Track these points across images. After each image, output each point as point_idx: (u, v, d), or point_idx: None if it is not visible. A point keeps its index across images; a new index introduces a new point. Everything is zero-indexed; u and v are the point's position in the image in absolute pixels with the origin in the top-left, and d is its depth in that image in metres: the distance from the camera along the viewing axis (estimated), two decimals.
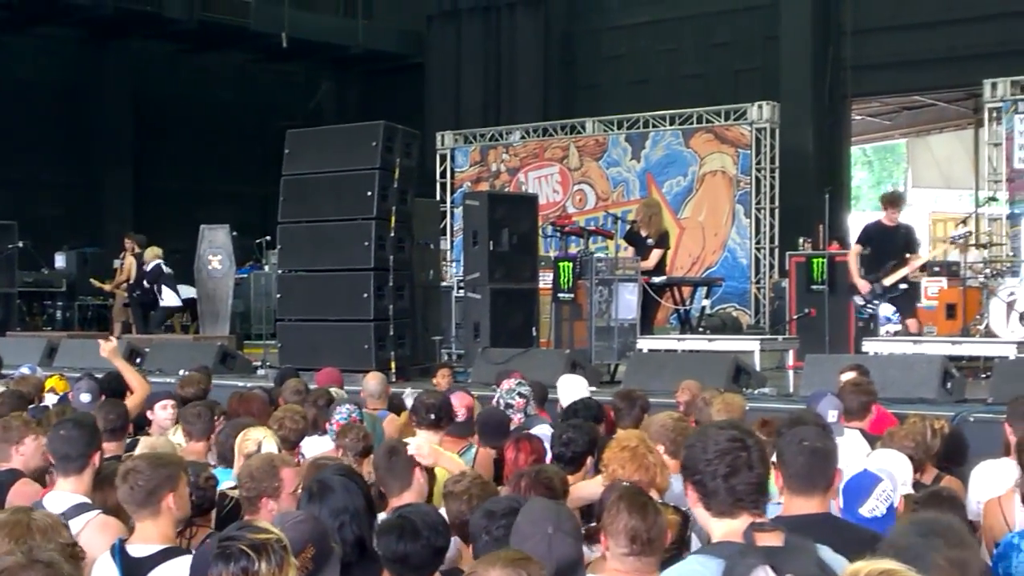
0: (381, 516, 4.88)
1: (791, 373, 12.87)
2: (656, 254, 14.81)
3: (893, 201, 14.16)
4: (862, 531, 4.41)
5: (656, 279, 14.41)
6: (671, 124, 22.87)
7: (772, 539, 3.53)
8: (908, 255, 13.62)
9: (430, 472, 5.96)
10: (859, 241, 13.93)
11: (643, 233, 15.24)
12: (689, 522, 4.84)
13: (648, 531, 4.23)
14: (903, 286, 13.66)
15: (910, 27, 22.19)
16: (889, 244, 13.61)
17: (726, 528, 3.70)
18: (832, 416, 7.35)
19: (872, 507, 4.73)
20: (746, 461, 3.70)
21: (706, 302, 16.04)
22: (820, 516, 4.35)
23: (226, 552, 3.45)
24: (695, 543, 4.95)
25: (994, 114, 19.64)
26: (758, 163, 21.79)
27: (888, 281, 13.43)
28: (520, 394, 8.46)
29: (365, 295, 13.62)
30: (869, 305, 13.75)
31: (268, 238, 16.66)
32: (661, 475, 5.56)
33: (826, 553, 3.66)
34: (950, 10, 21.66)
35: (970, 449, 7.77)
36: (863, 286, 13.56)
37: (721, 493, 3.70)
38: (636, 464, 5.43)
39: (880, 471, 4.91)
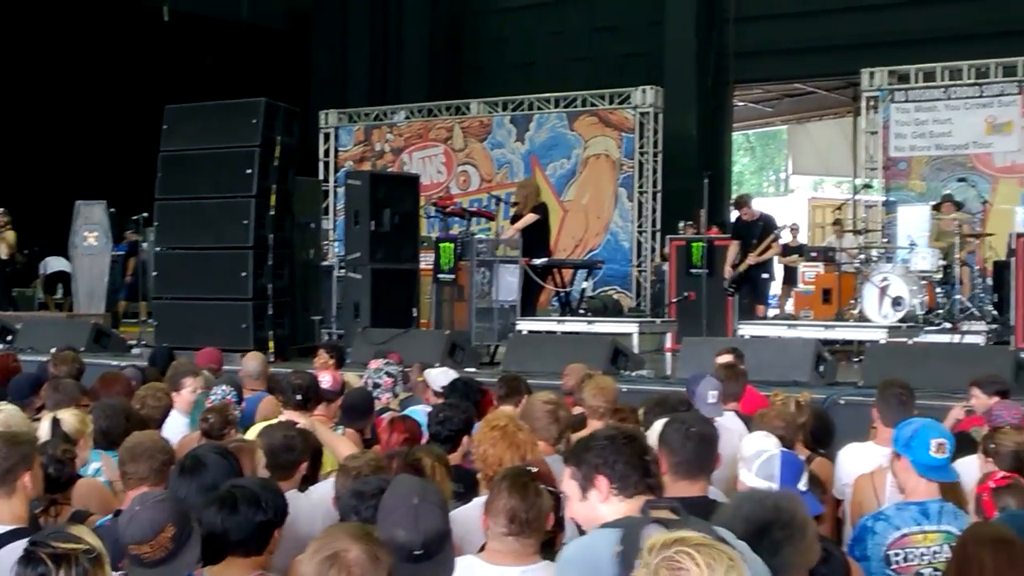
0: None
1: (668, 356, 13.00)
2: (530, 217, 14.82)
3: (739, 203, 15.91)
4: None
5: (537, 261, 14.42)
6: (556, 107, 22.97)
7: (666, 515, 3.58)
8: (770, 240, 15.17)
9: (315, 453, 5.93)
10: (732, 236, 15.28)
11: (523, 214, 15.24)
12: (562, 503, 4.84)
13: (527, 512, 4.23)
14: (764, 275, 15.47)
15: (792, 15, 22.48)
16: (750, 236, 15.06)
17: (626, 509, 3.78)
18: (712, 397, 7.40)
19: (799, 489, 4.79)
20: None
21: (586, 284, 16.07)
22: (700, 499, 4.50)
23: (28, 556, 3.35)
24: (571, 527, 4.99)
25: (871, 103, 20.01)
26: (641, 147, 21.97)
27: (743, 267, 15.01)
28: (388, 373, 8.44)
29: (243, 274, 13.48)
30: (727, 290, 15.15)
31: (146, 215, 16.39)
32: (532, 453, 5.55)
33: (722, 533, 3.70)
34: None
35: (839, 431, 7.89)
36: (726, 271, 15.05)
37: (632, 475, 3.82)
38: (507, 443, 5.41)
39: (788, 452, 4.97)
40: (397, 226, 14.24)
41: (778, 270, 20.52)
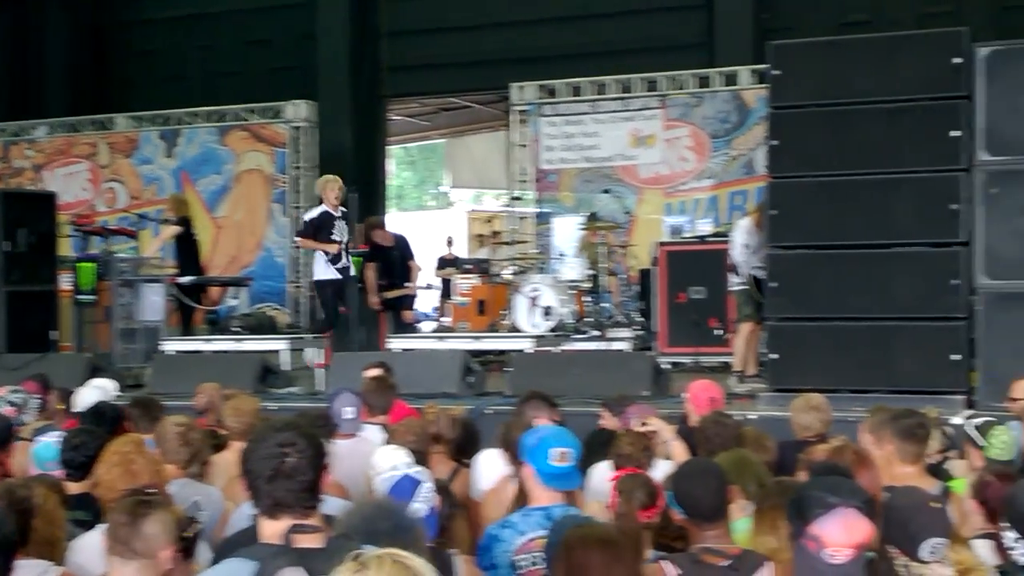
0: None
1: (319, 372, 12.86)
2: (166, 232, 14.57)
3: (372, 226, 15.93)
4: None
5: (183, 279, 14.04)
6: (207, 121, 22.46)
7: (312, 540, 3.54)
8: (409, 262, 15.76)
9: None
10: (367, 260, 15.15)
11: None
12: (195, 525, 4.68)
13: (130, 538, 4.06)
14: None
15: (444, 30, 22.60)
16: (390, 259, 15.39)
17: (270, 529, 3.65)
18: (349, 413, 7.35)
19: (416, 509, 4.71)
20: (292, 466, 3.64)
21: (236, 302, 15.74)
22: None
23: None
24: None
25: (521, 116, 20.38)
26: (295, 162, 21.73)
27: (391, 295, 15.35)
28: (11, 403, 8.03)
29: None
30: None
31: None
32: (155, 478, 5.32)
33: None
34: (481, 15, 22.21)
35: (487, 441, 7.90)
36: (372, 302, 15.09)
37: (264, 495, 3.65)
38: (122, 469, 5.20)
39: (420, 474, 4.90)
40: (33, 246, 13.62)
41: (435, 283, 20.69)
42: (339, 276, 13.18)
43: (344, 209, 13.45)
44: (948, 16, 18.35)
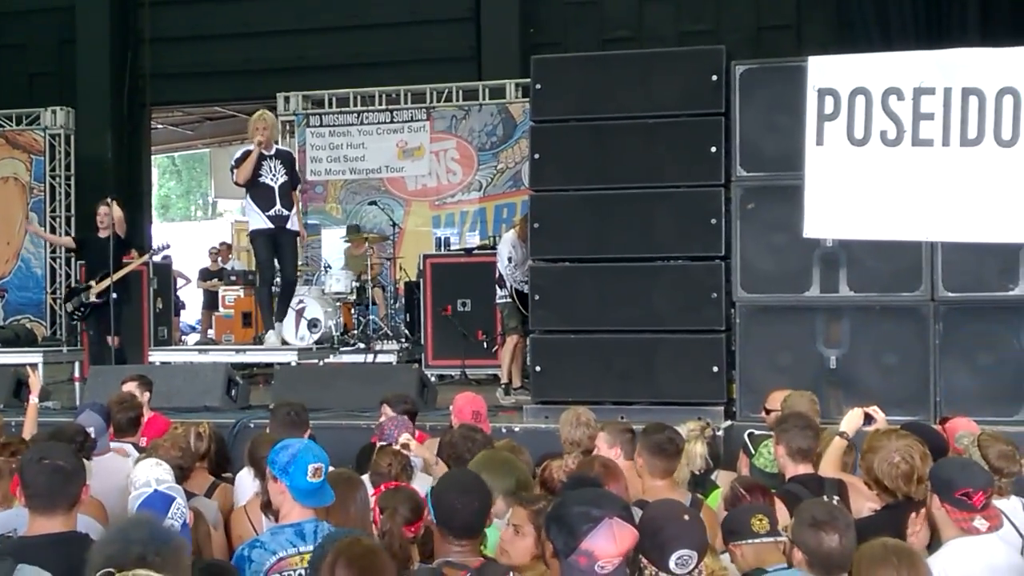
0: None
1: (77, 385, 12.47)
2: None
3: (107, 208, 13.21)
4: None
5: None
6: None
7: None
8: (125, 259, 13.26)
9: None
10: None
11: None
12: None
13: None
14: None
15: (209, 38, 22.21)
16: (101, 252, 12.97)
17: None
18: (92, 431, 7.07)
19: (168, 525, 4.58)
20: None
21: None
22: (66, 535, 4.54)
23: None
24: None
25: (287, 127, 20.14)
26: (52, 170, 21.11)
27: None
28: None
29: None
30: (76, 313, 13.31)
31: None
32: None
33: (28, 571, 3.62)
34: (247, 23, 21.89)
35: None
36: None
37: None
38: None
39: (171, 489, 4.74)
40: None
41: (199, 295, 20.29)
42: (271, 226, 11.97)
43: (281, 148, 12.56)
44: (709, 34, 18.87)
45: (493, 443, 6.65)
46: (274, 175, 12.03)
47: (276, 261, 12.22)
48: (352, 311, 15.28)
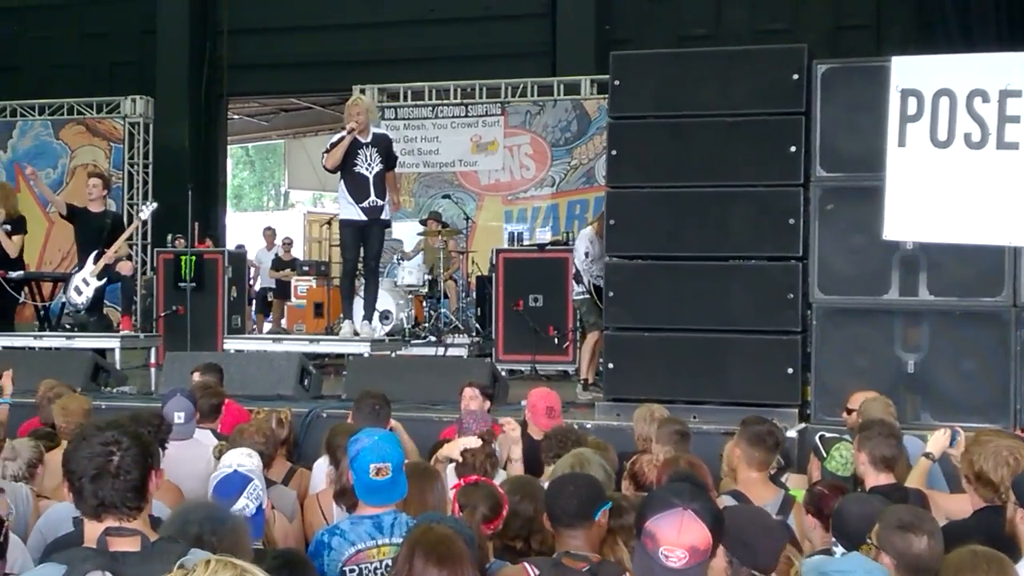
0: None
1: (153, 371, 12.62)
2: (17, 240, 13.79)
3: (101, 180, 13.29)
4: None
5: (13, 274, 13.57)
6: (41, 114, 21.89)
7: (127, 544, 3.45)
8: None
9: None
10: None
11: None
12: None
13: None
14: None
15: (286, 30, 22.36)
16: (91, 229, 13.07)
17: (92, 532, 3.54)
18: (179, 417, 7.16)
19: (243, 505, 4.64)
20: (117, 465, 3.54)
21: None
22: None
23: None
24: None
25: None
26: (131, 158, 21.33)
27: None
28: None
29: None
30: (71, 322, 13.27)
31: None
32: None
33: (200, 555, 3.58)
34: (324, 16, 22.03)
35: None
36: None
37: (88, 496, 3.55)
38: None
39: (251, 472, 4.78)
40: None
41: (271, 284, 20.43)
42: (364, 218, 11.80)
43: (377, 132, 11.99)
44: (785, 33, 18.73)
45: (586, 440, 6.68)
46: (369, 164, 11.72)
47: (361, 250, 12.14)
48: (423, 304, 15.32)
